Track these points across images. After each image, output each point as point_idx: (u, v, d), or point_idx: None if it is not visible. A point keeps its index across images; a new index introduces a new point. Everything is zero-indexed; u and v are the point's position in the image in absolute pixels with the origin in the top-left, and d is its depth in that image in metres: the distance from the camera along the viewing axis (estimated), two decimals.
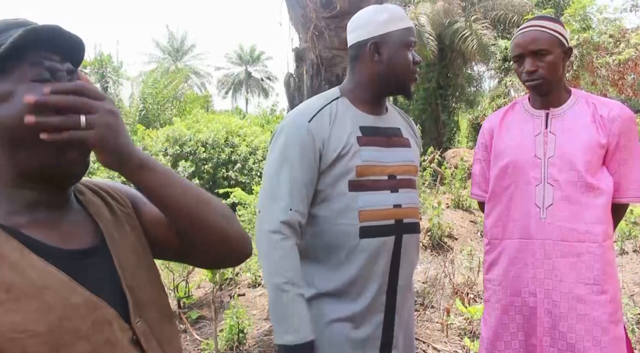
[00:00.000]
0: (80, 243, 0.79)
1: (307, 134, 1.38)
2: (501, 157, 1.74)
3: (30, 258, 0.71)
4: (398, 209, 1.44)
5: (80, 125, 0.70)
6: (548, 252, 1.64)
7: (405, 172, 1.50)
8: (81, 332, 0.70)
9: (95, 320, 0.72)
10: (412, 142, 1.59)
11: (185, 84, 20.42)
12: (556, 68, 1.64)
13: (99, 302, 0.74)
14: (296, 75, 2.53)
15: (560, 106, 1.69)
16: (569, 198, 1.61)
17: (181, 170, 8.83)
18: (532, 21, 1.69)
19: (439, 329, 3.42)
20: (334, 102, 1.47)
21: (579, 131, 1.63)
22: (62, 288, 0.71)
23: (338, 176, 1.39)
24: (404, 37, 1.45)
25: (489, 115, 10.20)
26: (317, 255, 1.44)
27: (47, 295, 0.69)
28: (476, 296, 3.97)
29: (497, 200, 1.76)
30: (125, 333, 0.76)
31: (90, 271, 0.76)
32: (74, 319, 0.70)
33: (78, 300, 0.72)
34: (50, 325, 0.68)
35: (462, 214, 6.61)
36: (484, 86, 18.17)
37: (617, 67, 9.16)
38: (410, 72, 1.47)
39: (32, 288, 0.68)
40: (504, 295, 1.73)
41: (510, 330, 1.73)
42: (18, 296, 0.67)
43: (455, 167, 7.65)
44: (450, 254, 5.25)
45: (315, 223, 1.43)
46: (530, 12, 12.17)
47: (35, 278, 0.70)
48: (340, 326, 1.41)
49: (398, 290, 1.46)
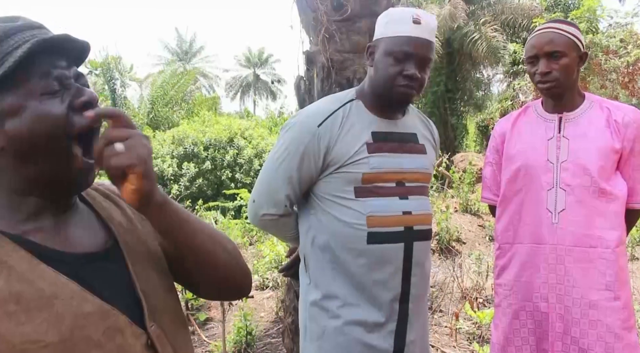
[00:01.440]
0: (89, 247, 0.78)
1: (313, 138, 1.37)
2: (513, 161, 1.73)
3: (39, 267, 0.70)
4: (408, 216, 1.42)
5: (115, 152, 0.68)
6: (560, 257, 1.63)
7: (416, 179, 1.47)
8: (93, 341, 0.70)
9: (107, 328, 0.72)
10: (429, 147, 1.55)
11: (194, 86, 20.52)
12: (570, 71, 1.63)
13: (111, 310, 0.73)
14: (306, 78, 2.53)
15: (573, 110, 1.68)
16: (582, 203, 1.60)
17: (185, 171, 8.86)
18: (549, 23, 1.67)
19: (447, 333, 3.40)
20: (348, 104, 1.45)
21: (592, 136, 1.62)
22: (73, 297, 0.70)
23: (344, 181, 1.39)
24: (394, 46, 1.37)
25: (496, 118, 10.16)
26: (325, 259, 1.43)
27: (57, 305, 0.68)
28: (485, 301, 3.94)
29: (508, 204, 1.74)
30: (138, 338, 0.75)
31: (100, 276, 0.76)
32: (85, 328, 0.70)
33: (89, 309, 0.71)
34: (61, 335, 0.67)
35: (471, 218, 6.58)
36: (493, 89, 18.09)
37: (626, 70, 9.09)
38: (396, 84, 1.38)
39: (42, 298, 0.68)
40: (515, 300, 1.72)
41: (522, 334, 1.72)
42: (28, 307, 0.67)
43: (463, 171, 7.62)
44: (458, 258, 5.22)
45: (324, 227, 1.42)
46: (539, 15, 12.11)
47: (45, 288, 0.69)
48: (354, 329, 1.40)
49: (411, 299, 1.44)
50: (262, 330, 3.58)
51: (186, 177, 8.84)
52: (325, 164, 1.39)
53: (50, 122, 0.71)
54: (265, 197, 1.46)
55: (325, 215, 1.42)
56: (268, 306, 4.05)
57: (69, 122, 0.72)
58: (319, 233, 1.43)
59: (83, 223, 0.80)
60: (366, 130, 1.42)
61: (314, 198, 1.45)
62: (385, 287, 1.40)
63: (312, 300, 1.46)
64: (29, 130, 0.70)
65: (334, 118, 1.40)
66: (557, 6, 12.98)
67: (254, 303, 3.98)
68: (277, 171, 1.42)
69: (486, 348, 2.77)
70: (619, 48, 9.22)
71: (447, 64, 15.45)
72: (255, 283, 4.49)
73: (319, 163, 1.39)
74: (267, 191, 1.46)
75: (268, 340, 3.39)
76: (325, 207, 1.42)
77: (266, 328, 3.62)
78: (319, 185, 1.43)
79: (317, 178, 1.41)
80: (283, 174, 1.41)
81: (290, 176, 1.40)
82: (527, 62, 1.70)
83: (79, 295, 0.71)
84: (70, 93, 0.74)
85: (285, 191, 1.42)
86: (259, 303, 4.08)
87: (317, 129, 1.38)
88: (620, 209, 1.62)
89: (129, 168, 0.68)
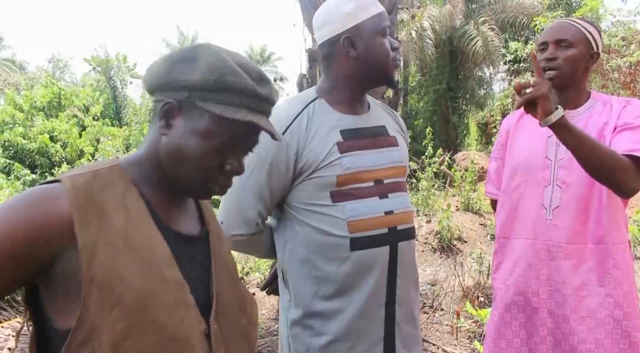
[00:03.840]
0: (187, 230, 0.87)
1: (279, 148, 1.29)
2: (513, 156, 1.75)
3: (148, 221, 0.79)
4: (390, 216, 1.34)
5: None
6: (552, 253, 1.64)
7: (393, 175, 1.39)
8: (165, 303, 0.75)
9: (177, 299, 0.78)
10: (400, 139, 1.47)
11: None
12: (576, 64, 1.61)
13: (186, 285, 0.80)
14: (309, 75, 2.54)
15: (576, 109, 1.68)
16: (577, 200, 1.60)
17: None
18: (569, 18, 1.68)
19: (448, 332, 3.41)
20: (312, 104, 1.37)
21: (589, 132, 1.61)
22: (163, 258, 0.78)
23: (318, 187, 1.30)
24: (377, 25, 1.34)
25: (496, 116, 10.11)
26: (305, 272, 1.34)
27: (151, 259, 0.76)
28: (486, 299, 3.95)
29: (506, 199, 1.76)
30: (200, 323, 0.81)
31: (186, 257, 0.83)
32: (162, 290, 0.76)
33: (170, 275, 0.78)
34: (144, 285, 0.74)
35: (472, 217, 6.58)
36: (495, 87, 18.09)
37: (628, 69, 9.07)
38: (391, 59, 1.36)
39: (142, 247, 0.76)
40: (507, 294, 1.74)
41: (513, 328, 1.74)
42: (132, 247, 0.75)
43: (465, 170, 7.61)
44: (459, 257, 5.23)
45: (301, 239, 1.33)
46: (541, 14, 12.09)
47: (147, 238, 0.77)
48: (340, 346, 1.32)
49: (397, 301, 1.36)
50: (264, 327, 3.59)
51: None
52: (297, 172, 1.31)
53: (205, 165, 0.82)
54: (234, 217, 1.33)
55: (302, 226, 1.32)
56: (269, 304, 4.06)
57: (222, 168, 0.84)
58: (297, 246, 1.34)
59: (188, 210, 0.90)
60: (335, 129, 1.34)
61: (289, 209, 1.35)
62: (371, 293, 1.32)
63: (293, 318, 1.36)
64: (206, 159, 0.81)
65: (299, 122, 1.32)
66: (559, 5, 12.97)
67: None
68: (245, 186, 1.31)
69: None
70: (620, 47, 9.19)
71: (449, 63, 15.46)
72: (257, 281, 4.51)
73: (289, 172, 1.30)
74: (236, 209, 1.33)
75: (269, 338, 3.40)
76: (302, 217, 1.32)
77: (267, 326, 3.63)
78: (292, 195, 1.33)
79: (290, 187, 1.33)
80: (252, 189, 1.31)
81: (260, 191, 1.31)
82: (538, 49, 1.69)
83: (168, 259, 0.79)
84: (237, 157, 0.86)
85: (256, 208, 1.32)
86: (260, 301, 4.09)
87: (281, 137, 1.32)
88: (616, 208, 1.62)
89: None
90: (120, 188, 0.79)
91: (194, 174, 0.81)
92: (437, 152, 7.30)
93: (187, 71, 0.79)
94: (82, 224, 0.72)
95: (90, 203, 0.74)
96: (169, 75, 0.80)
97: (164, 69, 0.81)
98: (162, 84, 0.81)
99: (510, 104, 11.82)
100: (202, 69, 0.79)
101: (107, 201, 0.76)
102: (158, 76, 0.82)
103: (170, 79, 0.80)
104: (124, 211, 0.77)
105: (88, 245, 0.71)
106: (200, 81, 0.78)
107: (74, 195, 0.73)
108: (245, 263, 4.72)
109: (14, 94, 12.78)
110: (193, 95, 0.79)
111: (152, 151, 0.83)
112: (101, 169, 0.79)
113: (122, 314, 0.71)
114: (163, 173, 0.83)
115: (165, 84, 0.81)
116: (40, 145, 10.97)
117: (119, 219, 0.75)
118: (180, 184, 0.84)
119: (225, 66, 0.79)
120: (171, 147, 0.81)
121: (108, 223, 0.74)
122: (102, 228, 0.73)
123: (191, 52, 0.81)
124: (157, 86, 0.82)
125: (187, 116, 0.80)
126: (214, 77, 0.78)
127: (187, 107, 0.80)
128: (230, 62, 0.80)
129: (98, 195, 0.75)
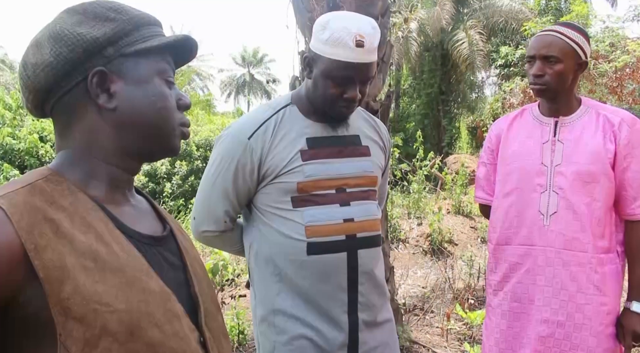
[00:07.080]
0: (149, 230, 0.79)
1: (245, 151, 1.34)
2: (507, 162, 1.74)
3: (114, 232, 0.70)
4: (350, 224, 1.36)
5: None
6: (549, 260, 1.64)
7: (358, 184, 1.41)
8: (155, 319, 0.68)
9: (166, 311, 0.71)
10: (374, 148, 1.48)
11: (189, 86, 20.44)
12: (563, 78, 1.62)
13: (171, 294, 0.73)
14: (302, 78, 2.54)
15: (569, 115, 1.68)
16: (574, 206, 1.60)
17: (178, 169, 9.08)
18: (555, 26, 1.67)
19: (438, 334, 3.42)
20: (282, 110, 1.40)
21: (587, 141, 1.62)
22: (142, 270, 0.70)
23: (281, 192, 1.35)
24: (332, 70, 1.29)
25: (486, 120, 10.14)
26: (269, 272, 1.39)
27: (128, 274, 0.67)
28: (476, 302, 3.98)
29: (501, 205, 1.75)
30: (192, 333, 0.75)
31: (159, 261, 0.76)
32: (149, 304, 0.68)
33: (154, 287, 0.70)
34: (128, 304, 0.66)
35: (463, 220, 6.61)
36: (486, 92, 18.20)
37: (614, 75, 9.15)
38: (335, 105, 1.34)
39: (115, 262, 0.67)
40: (504, 301, 1.74)
41: (508, 335, 1.74)
42: (103, 267, 0.65)
43: (456, 173, 7.65)
44: (450, 259, 5.25)
45: (265, 239, 1.38)
46: (530, 19, 12.19)
47: (119, 253, 0.68)
48: (303, 343, 1.35)
49: (360, 308, 1.39)
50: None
51: (179, 175, 9.05)
52: (261, 176, 1.36)
53: (167, 104, 0.77)
54: (204, 214, 1.42)
55: (266, 227, 1.38)
56: None
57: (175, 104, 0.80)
58: (262, 246, 1.39)
59: (141, 208, 0.83)
60: (301, 137, 1.37)
61: (255, 210, 1.41)
62: (332, 298, 1.36)
63: (260, 315, 1.42)
64: (150, 102, 0.75)
65: (266, 128, 1.36)
66: (549, 10, 13.08)
67: (246, 303, 3.98)
68: (213, 187, 1.39)
69: (477, 348, 2.80)
70: (608, 53, 9.28)
71: (441, 66, 15.56)
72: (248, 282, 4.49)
73: (254, 176, 1.35)
74: (206, 208, 1.42)
75: None
76: (266, 219, 1.38)
77: None
78: (258, 197, 1.39)
79: (256, 189, 1.38)
80: (219, 190, 1.38)
81: (226, 192, 1.37)
82: (526, 61, 1.71)
83: (146, 270, 0.71)
84: (174, 91, 0.80)
85: (223, 207, 1.39)
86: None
87: (247, 141, 1.34)
88: (612, 216, 1.63)
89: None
90: (68, 199, 0.68)
91: (161, 122, 0.76)
92: (428, 155, 7.33)
93: (91, 31, 0.72)
94: (37, 249, 0.60)
95: (41, 223, 0.63)
96: (76, 47, 0.71)
97: (60, 51, 0.71)
98: (71, 62, 0.71)
99: (500, 108, 11.90)
100: (101, 21, 0.73)
101: (59, 217, 0.65)
102: (62, 59, 0.71)
103: (80, 49, 0.71)
104: (83, 225, 0.67)
105: (51, 272, 0.60)
106: (113, 29, 0.73)
107: (18, 218, 0.61)
108: (236, 265, 4.71)
109: (4, 94, 12.65)
110: (118, 47, 0.73)
111: (88, 143, 0.74)
112: (36, 181, 0.68)
113: (112, 344, 0.63)
114: (112, 158, 0.75)
115: (76, 60, 0.71)
116: (30, 145, 10.85)
117: (79, 235, 0.65)
118: (154, 149, 0.79)
119: (114, 7, 0.75)
120: (127, 114, 0.74)
121: (69, 242, 0.64)
122: (64, 249, 0.63)
123: (72, 15, 0.73)
124: (63, 72, 0.71)
125: (121, 75, 0.74)
126: (122, 22, 0.74)
127: (115, 67, 0.73)
128: (108, 4, 0.75)
129: (46, 212, 0.64)
